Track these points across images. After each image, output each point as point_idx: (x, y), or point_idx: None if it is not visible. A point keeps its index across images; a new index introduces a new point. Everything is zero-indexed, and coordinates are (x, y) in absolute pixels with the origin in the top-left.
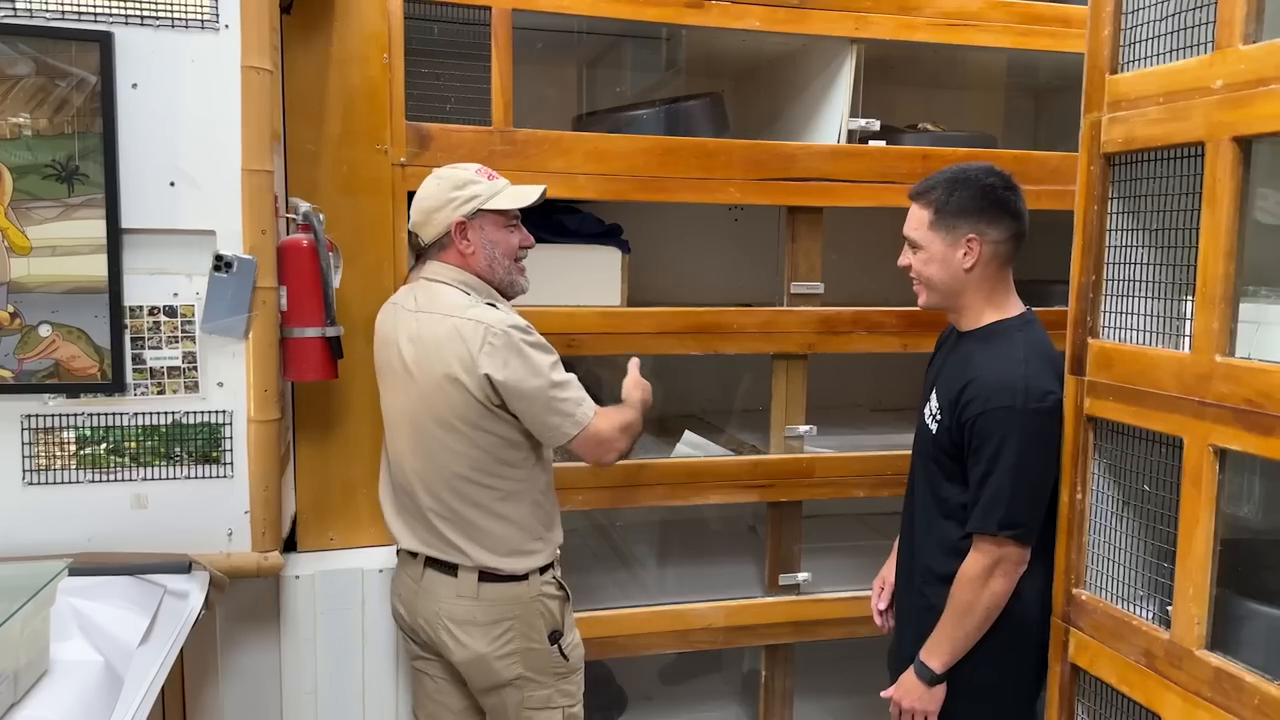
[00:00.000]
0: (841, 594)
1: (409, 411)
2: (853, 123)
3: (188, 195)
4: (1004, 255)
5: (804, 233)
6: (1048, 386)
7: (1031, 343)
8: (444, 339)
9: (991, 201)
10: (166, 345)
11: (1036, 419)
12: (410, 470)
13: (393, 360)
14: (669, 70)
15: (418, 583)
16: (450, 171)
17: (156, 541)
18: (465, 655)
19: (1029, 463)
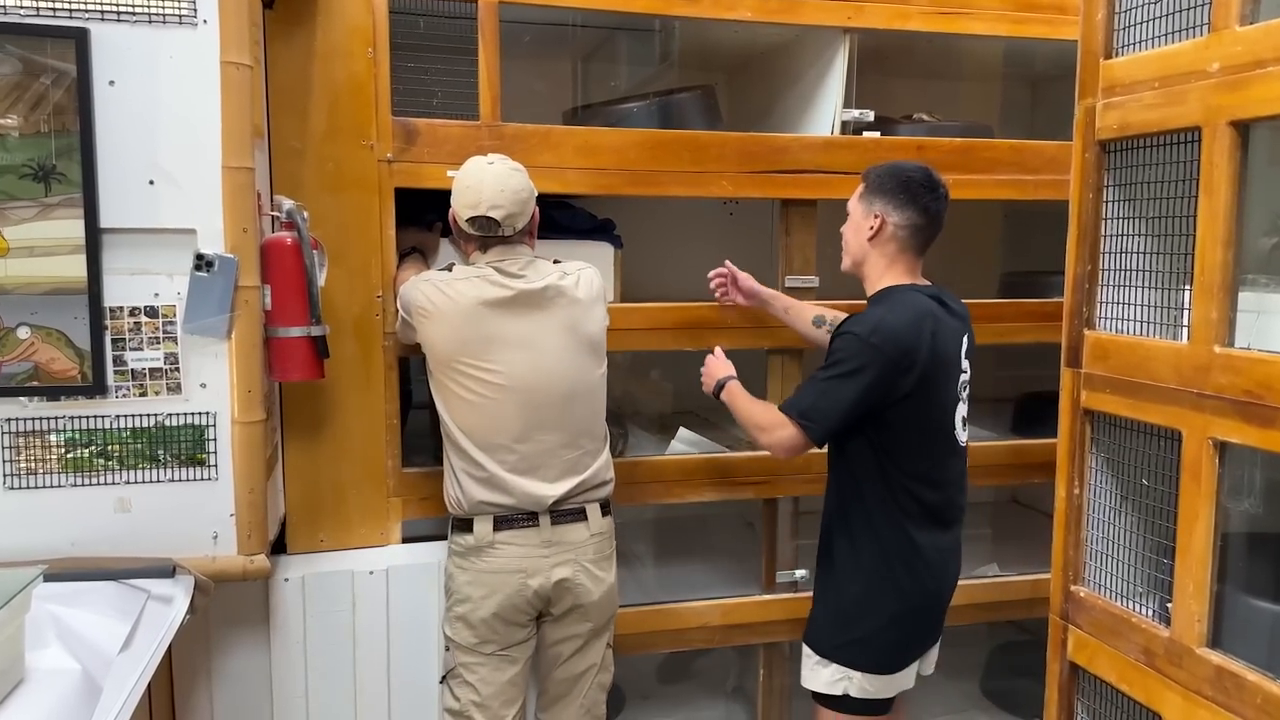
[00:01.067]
0: None
1: (559, 355)
2: (846, 114)
3: (167, 194)
4: (903, 240)
5: (798, 226)
6: (900, 332)
7: (906, 301)
8: (593, 297)
9: (904, 190)
10: (148, 346)
11: (872, 352)
12: (555, 418)
13: (523, 317)
14: (662, 64)
15: (549, 545)
16: (512, 162)
17: (140, 545)
18: (601, 590)
19: (845, 381)
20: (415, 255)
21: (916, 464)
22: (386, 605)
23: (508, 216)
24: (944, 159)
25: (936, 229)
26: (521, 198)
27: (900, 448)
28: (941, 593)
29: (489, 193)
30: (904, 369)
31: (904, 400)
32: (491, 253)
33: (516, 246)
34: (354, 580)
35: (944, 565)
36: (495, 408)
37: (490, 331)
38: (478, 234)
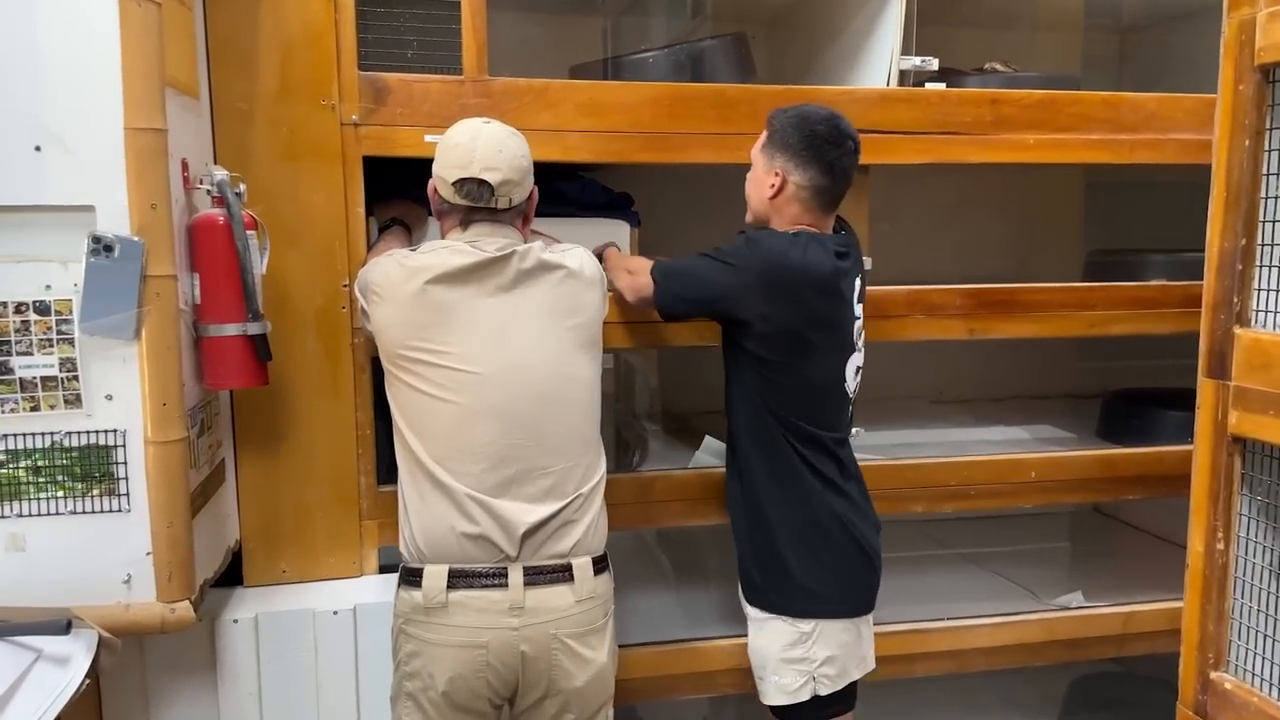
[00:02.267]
0: (894, 626)
1: (538, 344)
2: (906, 61)
3: (58, 162)
4: (806, 200)
5: (848, 197)
6: (785, 255)
7: (807, 240)
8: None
9: (808, 146)
10: (39, 350)
11: (748, 254)
12: (530, 424)
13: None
14: (695, 18)
15: (518, 614)
16: (510, 127)
17: (38, 592)
18: (589, 674)
19: (714, 267)
20: (397, 229)
21: (805, 413)
22: (355, 650)
23: (504, 182)
24: (1022, 115)
25: (844, 186)
26: (520, 165)
27: (788, 397)
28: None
29: (484, 152)
30: (775, 292)
31: (785, 341)
32: (473, 230)
33: (504, 226)
34: (315, 620)
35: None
36: (457, 404)
37: (449, 309)
38: (464, 203)
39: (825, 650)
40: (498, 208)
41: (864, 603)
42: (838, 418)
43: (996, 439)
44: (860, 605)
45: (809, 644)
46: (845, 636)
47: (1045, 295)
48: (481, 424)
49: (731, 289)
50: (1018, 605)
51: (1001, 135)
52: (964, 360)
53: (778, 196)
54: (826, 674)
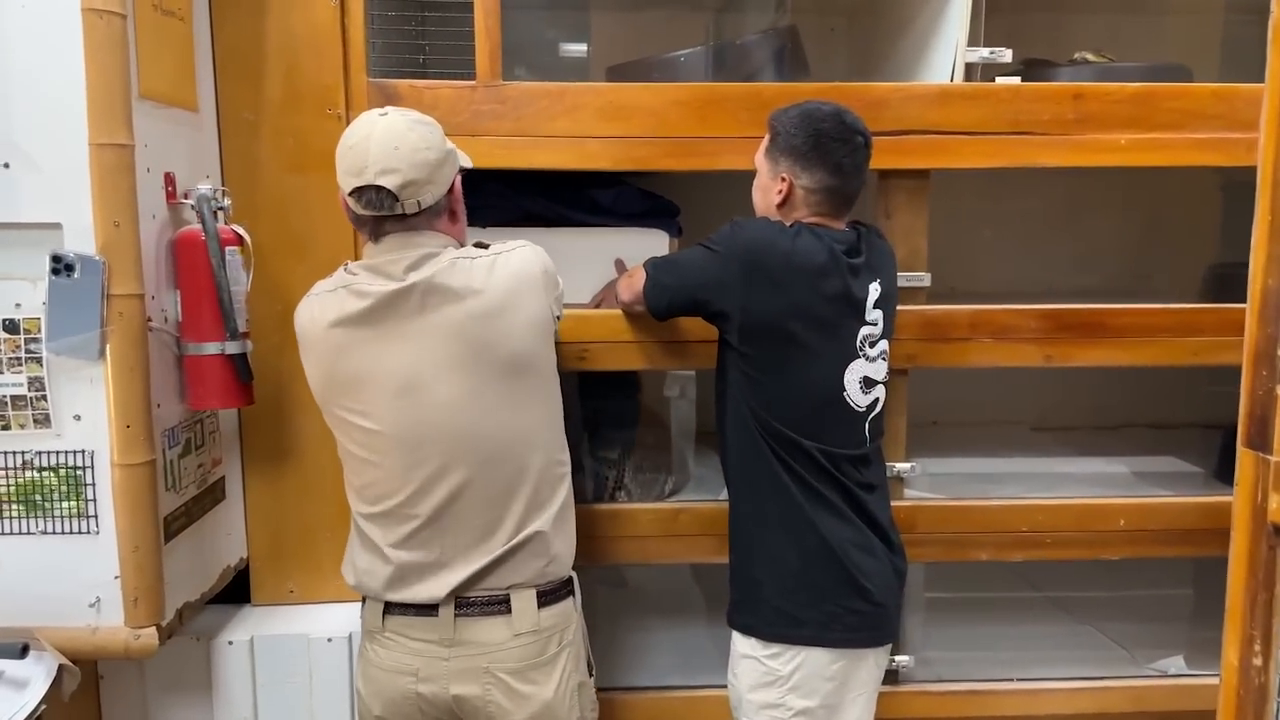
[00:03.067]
0: (953, 685)
1: (451, 381)
2: (972, 53)
3: (26, 179)
4: (815, 204)
5: (903, 205)
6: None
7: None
8: (506, 294)
9: (812, 146)
10: (9, 369)
11: (730, 237)
12: (460, 470)
13: (391, 334)
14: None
15: (448, 645)
16: (416, 113)
17: (8, 610)
18: (529, 711)
19: (701, 253)
20: None
21: (793, 422)
22: (349, 679)
23: (405, 185)
24: (1112, 112)
25: (856, 184)
26: (426, 159)
27: (773, 401)
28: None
29: (377, 152)
30: (757, 279)
31: (768, 335)
32: (386, 243)
33: (421, 233)
34: (309, 646)
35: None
36: (377, 461)
37: (354, 360)
38: (368, 213)
39: (803, 700)
40: (407, 213)
41: (854, 636)
42: (838, 432)
43: (1090, 474)
44: (848, 638)
45: (783, 688)
46: (828, 685)
47: (1140, 318)
48: (398, 479)
49: (713, 275)
50: (1107, 666)
51: (1087, 135)
52: (1070, 383)
53: (785, 203)
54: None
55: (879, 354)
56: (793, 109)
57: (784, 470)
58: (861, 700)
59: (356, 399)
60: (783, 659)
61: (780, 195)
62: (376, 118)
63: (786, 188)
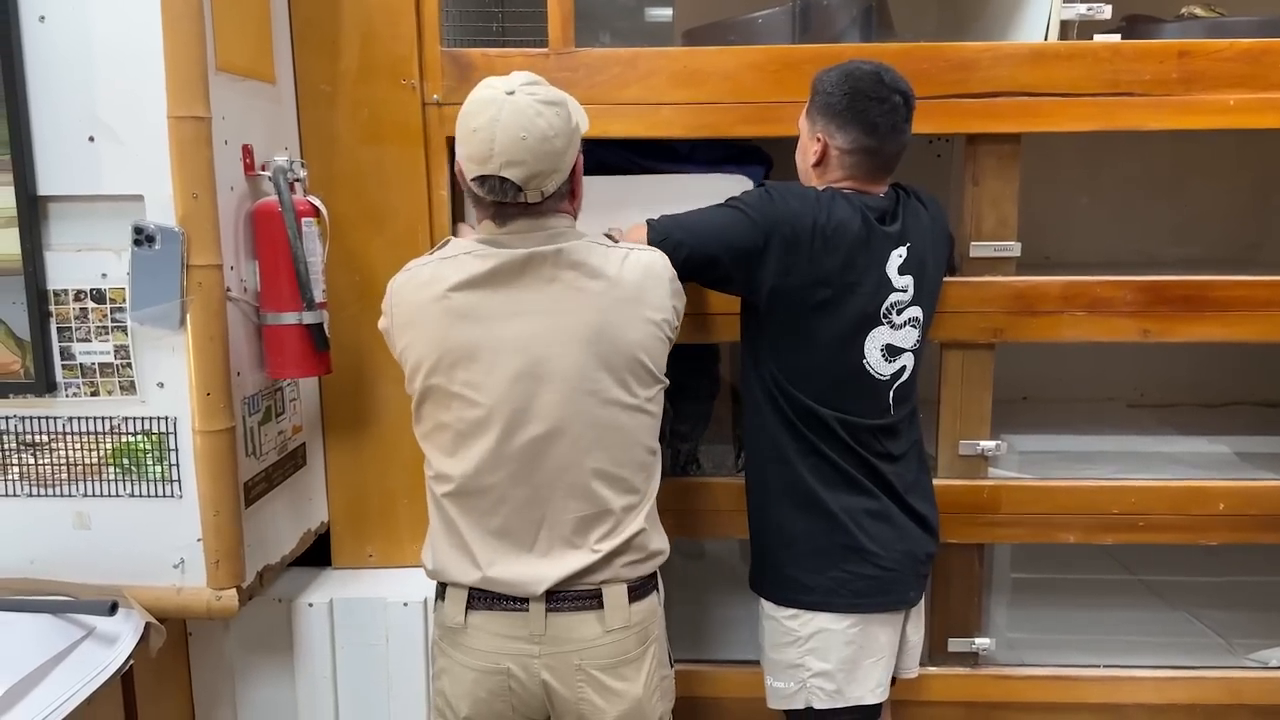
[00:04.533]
0: (1036, 670)
1: (570, 363)
2: (1068, 9)
3: (110, 152)
4: (851, 165)
5: (992, 170)
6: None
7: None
8: (634, 288)
9: (848, 106)
10: (96, 337)
11: (763, 197)
12: (557, 459)
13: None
14: None
15: (537, 640)
16: (545, 91)
17: (101, 568)
18: (621, 708)
19: (722, 210)
20: None
21: (809, 389)
22: (425, 642)
23: (531, 177)
24: (1220, 70)
25: (894, 146)
26: (553, 148)
27: (790, 366)
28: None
29: (504, 141)
30: (788, 244)
31: (795, 300)
32: (510, 226)
33: (549, 218)
34: (385, 610)
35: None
36: (477, 439)
37: (470, 327)
38: (490, 199)
39: (821, 662)
40: (529, 202)
41: (863, 601)
42: (859, 401)
43: (1190, 454)
44: (856, 603)
45: (801, 648)
46: (846, 649)
47: (1245, 290)
48: (496, 460)
49: (738, 239)
50: (1202, 655)
51: (1192, 96)
52: (1172, 357)
53: (821, 163)
54: (821, 687)
55: (907, 321)
56: (834, 68)
57: (792, 439)
58: (881, 664)
59: (469, 369)
60: (799, 620)
61: (816, 155)
62: (504, 98)
63: (821, 148)
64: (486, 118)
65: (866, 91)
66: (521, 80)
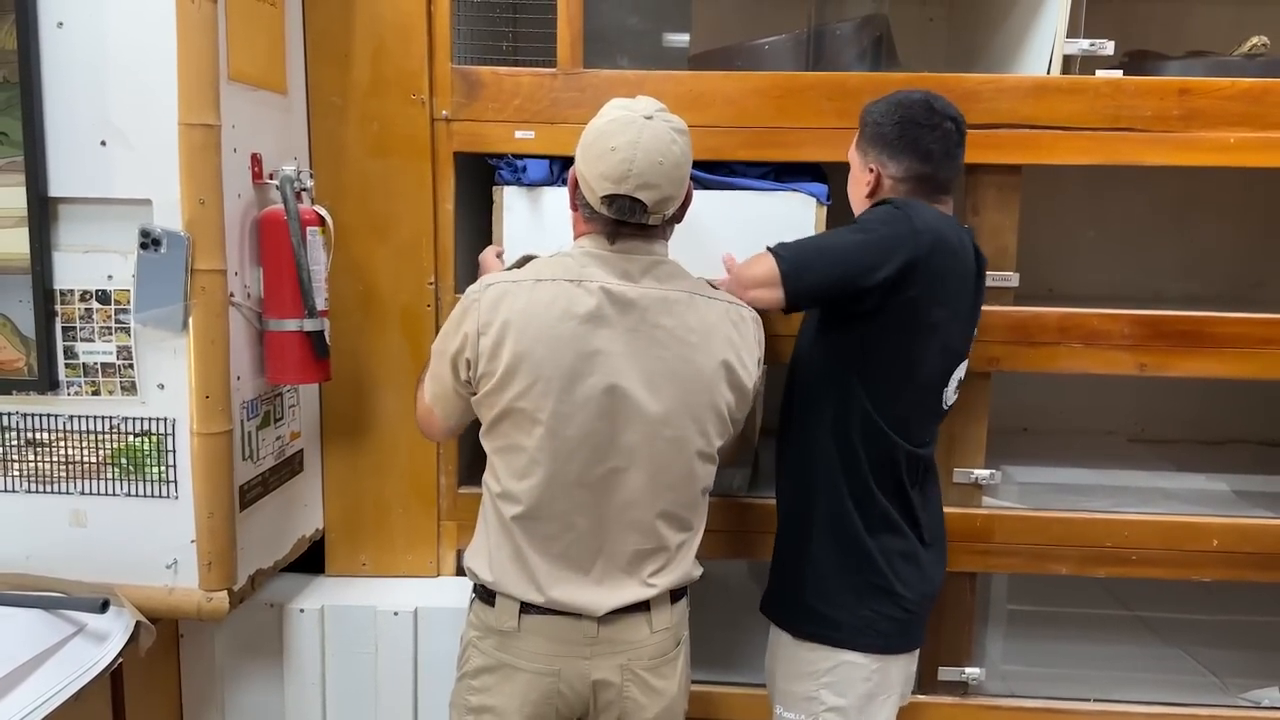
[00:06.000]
0: (1030, 702)
1: (652, 431)
2: (1070, 44)
3: (120, 156)
4: (904, 193)
5: (992, 201)
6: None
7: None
8: (726, 339)
9: (900, 135)
10: (99, 337)
11: (900, 217)
12: (621, 495)
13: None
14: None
15: (590, 644)
16: (676, 119)
17: (96, 565)
18: (660, 705)
19: (851, 234)
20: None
21: (891, 410)
22: (414, 653)
23: (660, 200)
24: (1221, 108)
25: (948, 171)
26: (682, 175)
27: (882, 388)
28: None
29: (643, 164)
30: (919, 264)
31: (907, 321)
32: (621, 244)
33: (656, 242)
34: (376, 619)
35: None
36: (546, 463)
37: (568, 356)
38: (613, 217)
39: (836, 698)
40: (649, 224)
41: (889, 641)
42: (921, 430)
43: (1186, 490)
44: (882, 644)
45: (817, 682)
46: (862, 686)
47: (1242, 328)
48: (569, 493)
49: (876, 261)
50: (1195, 693)
51: (1193, 133)
52: (1175, 392)
53: (874, 193)
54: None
55: (968, 348)
56: (882, 99)
57: (848, 478)
58: (891, 702)
59: (561, 400)
60: (819, 654)
61: (869, 186)
62: (644, 121)
63: (874, 178)
64: (626, 139)
65: (917, 119)
66: (656, 106)
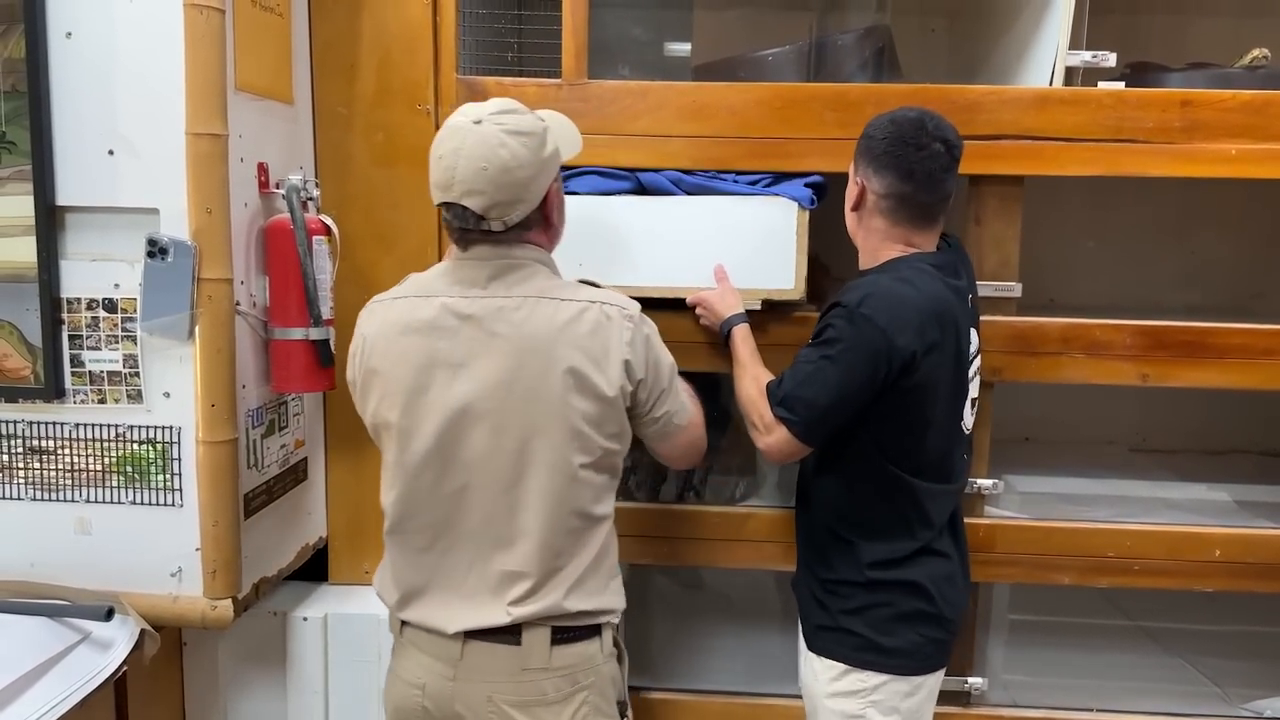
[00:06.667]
0: (1032, 712)
1: (497, 442)
2: (1073, 57)
3: (128, 165)
4: (889, 212)
5: (994, 212)
6: (898, 305)
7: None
8: (562, 329)
9: (886, 151)
10: (106, 345)
11: (862, 325)
12: (478, 511)
13: (452, 371)
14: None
15: (453, 665)
16: (515, 120)
17: (100, 573)
18: None
19: (834, 365)
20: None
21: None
22: None
23: (491, 206)
24: (1223, 120)
25: (934, 195)
26: (514, 179)
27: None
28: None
29: (465, 171)
30: (898, 351)
31: (901, 390)
32: (472, 252)
33: (513, 246)
34: (380, 627)
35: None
36: (406, 479)
37: (412, 371)
38: (455, 224)
39: (883, 716)
40: (494, 230)
41: (932, 662)
42: (951, 462)
43: (1189, 500)
44: (927, 665)
45: (864, 700)
46: (907, 703)
47: (1245, 338)
48: (426, 509)
49: (858, 377)
50: (1197, 703)
51: (1195, 144)
52: (1177, 402)
53: (859, 207)
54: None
55: (976, 371)
56: (885, 114)
57: (888, 509)
58: (929, 710)
59: (409, 413)
60: (868, 672)
61: (853, 199)
62: (470, 126)
63: (859, 191)
64: (451, 146)
65: (906, 137)
66: (493, 109)
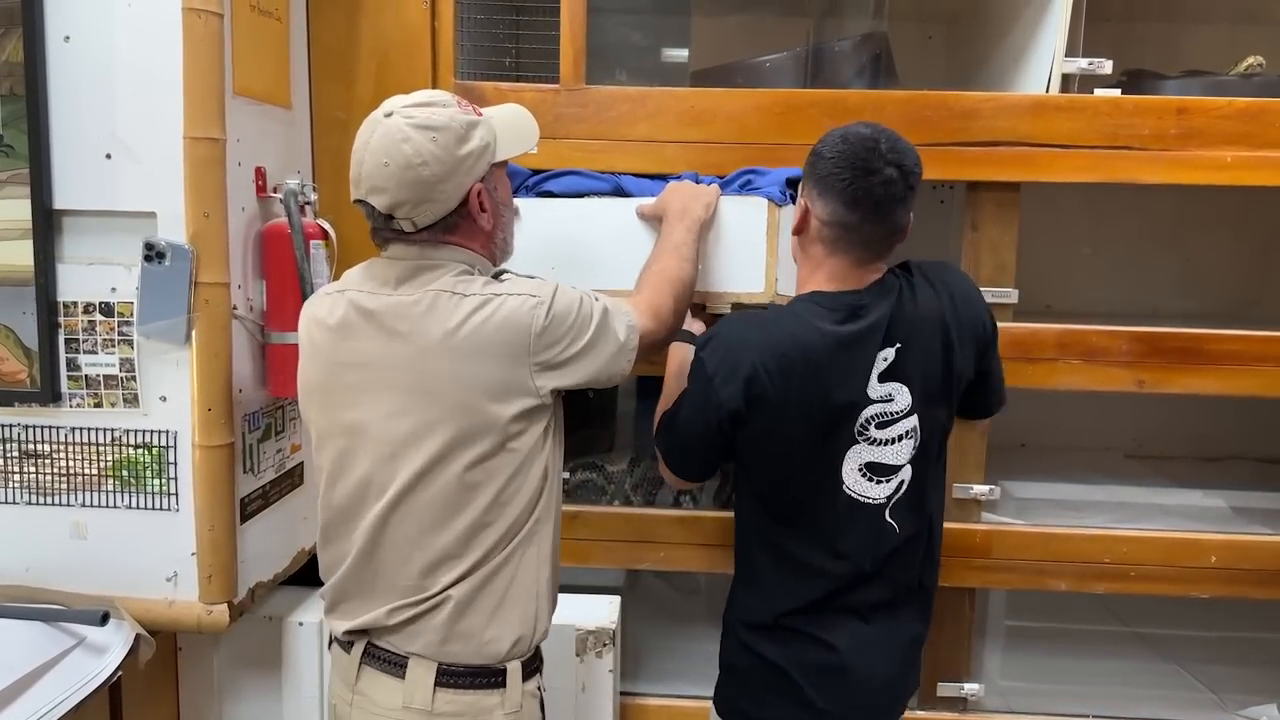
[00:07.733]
0: (1029, 718)
1: (393, 433)
2: (1069, 63)
3: (126, 169)
4: (828, 240)
5: (991, 218)
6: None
7: (785, 312)
8: (465, 325)
9: (831, 173)
10: (102, 349)
11: (698, 367)
12: (376, 514)
13: (353, 371)
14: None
15: (350, 686)
16: (427, 114)
17: (96, 577)
18: None
19: (684, 399)
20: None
21: (793, 517)
22: None
23: (396, 205)
24: (1218, 127)
25: (880, 225)
26: (418, 177)
27: (774, 501)
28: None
29: (369, 165)
30: (722, 403)
31: (745, 436)
32: (388, 250)
33: (424, 246)
34: None
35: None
36: (323, 486)
37: (320, 369)
38: (369, 224)
39: None
40: (405, 231)
41: None
42: (851, 533)
43: (1184, 507)
44: None
45: None
46: None
47: (1240, 345)
48: (332, 511)
49: (703, 416)
50: (1192, 709)
51: (1190, 151)
52: (1172, 408)
53: (801, 230)
54: None
55: (897, 435)
56: (838, 129)
57: (769, 564)
58: None
59: (317, 409)
60: None
61: (796, 221)
62: (379, 120)
63: (802, 213)
64: (361, 141)
65: (855, 160)
66: (409, 100)
